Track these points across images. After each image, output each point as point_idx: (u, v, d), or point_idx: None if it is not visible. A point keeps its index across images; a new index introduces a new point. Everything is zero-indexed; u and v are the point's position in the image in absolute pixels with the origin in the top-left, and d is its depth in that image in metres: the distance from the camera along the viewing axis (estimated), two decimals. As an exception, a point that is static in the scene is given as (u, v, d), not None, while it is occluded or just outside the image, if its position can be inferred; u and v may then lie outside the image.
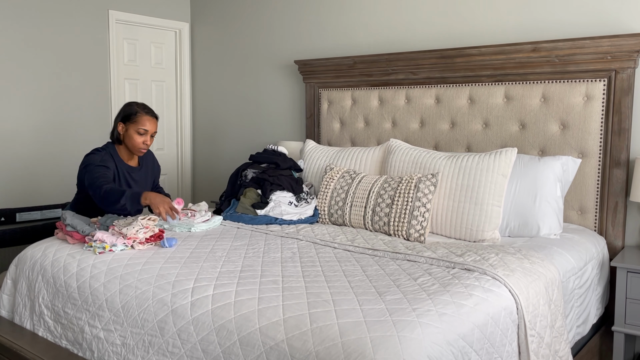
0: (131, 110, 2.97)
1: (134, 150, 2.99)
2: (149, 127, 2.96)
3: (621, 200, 2.96)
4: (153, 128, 2.98)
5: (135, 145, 2.96)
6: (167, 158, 5.24)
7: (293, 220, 3.14)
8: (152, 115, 3.00)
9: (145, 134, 2.96)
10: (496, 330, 1.90)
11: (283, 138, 4.58)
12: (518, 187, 2.90)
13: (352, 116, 3.93)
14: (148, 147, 3.01)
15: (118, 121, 2.99)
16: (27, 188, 4.24)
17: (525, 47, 3.14)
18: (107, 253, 2.49)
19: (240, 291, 1.99)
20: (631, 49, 2.84)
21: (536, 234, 2.84)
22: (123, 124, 2.97)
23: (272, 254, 2.49)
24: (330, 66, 4.01)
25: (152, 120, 2.98)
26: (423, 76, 3.59)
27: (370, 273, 2.19)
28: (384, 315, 1.73)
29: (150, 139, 3.00)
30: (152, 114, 3.00)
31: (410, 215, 2.81)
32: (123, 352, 2.10)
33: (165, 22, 5.03)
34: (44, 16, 4.26)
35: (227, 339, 1.81)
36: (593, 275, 2.77)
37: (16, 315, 2.62)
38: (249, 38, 4.76)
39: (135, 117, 2.95)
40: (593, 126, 2.98)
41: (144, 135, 2.96)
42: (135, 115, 2.95)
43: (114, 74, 4.71)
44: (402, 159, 3.17)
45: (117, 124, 2.99)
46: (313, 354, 1.61)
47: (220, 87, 5.04)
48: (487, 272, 2.14)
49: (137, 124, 2.94)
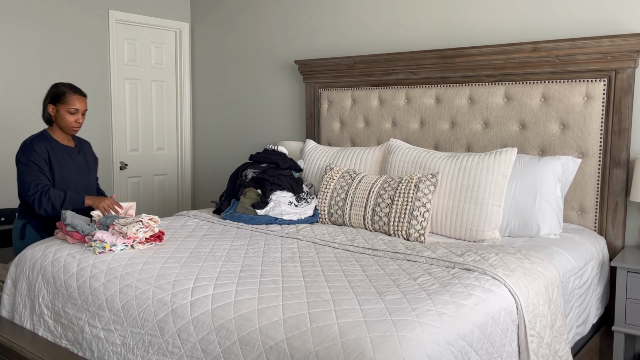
0: (59, 91, 3.02)
1: (67, 130, 3.06)
2: (79, 105, 3.03)
3: (621, 200, 2.96)
4: (83, 106, 3.05)
5: (68, 124, 3.03)
6: (167, 158, 5.24)
7: (293, 220, 3.14)
8: (81, 94, 3.06)
9: (77, 112, 3.03)
10: (496, 330, 1.90)
11: (283, 138, 4.58)
12: (518, 187, 2.90)
13: (352, 116, 3.93)
14: (80, 125, 3.07)
15: (47, 103, 3.05)
16: (27, 188, 4.24)
17: (525, 47, 3.14)
18: (107, 253, 2.49)
19: (240, 291, 1.99)
20: (631, 49, 2.84)
21: (536, 234, 2.84)
22: (53, 105, 3.03)
23: (272, 254, 2.49)
24: (330, 66, 4.01)
25: (81, 99, 3.05)
26: (423, 76, 3.59)
27: (370, 273, 2.19)
28: (384, 315, 1.73)
29: (82, 117, 3.06)
30: (80, 93, 3.06)
31: (410, 215, 2.81)
32: (123, 352, 2.10)
33: (165, 22, 5.03)
34: (44, 16, 4.27)
35: (227, 338, 1.81)
36: (593, 275, 2.77)
37: (16, 315, 2.62)
38: (249, 38, 4.76)
39: (64, 97, 3.01)
40: (593, 126, 2.98)
41: (75, 114, 3.03)
42: (64, 95, 3.01)
43: (114, 74, 4.71)
44: (402, 159, 3.18)
45: (47, 106, 3.05)
46: (313, 353, 1.61)
47: (220, 87, 5.04)
48: (487, 272, 2.14)
49: (67, 104, 3.01)
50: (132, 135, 4.95)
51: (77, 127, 3.05)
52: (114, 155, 4.77)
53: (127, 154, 4.92)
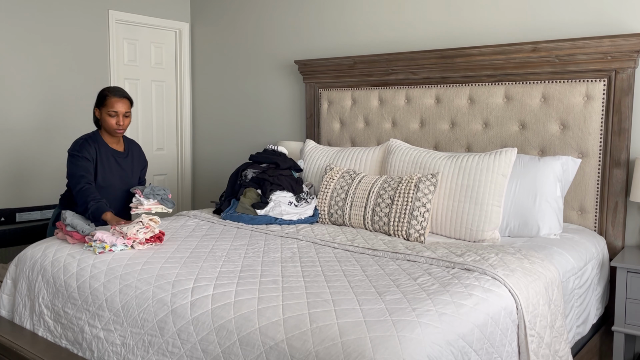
0: (102, 95, 3.12)
1: (111, 132, 3.12)
2: (119, 108, 3.08)
3: (621, 200, 2.96)
4: (123, 108, 3.10)
5: (109, 127, 3.10)
6: (167, 158, 5.24)
7: (293, 220, 3.14)
8: (121, 96, 3.11)
9: (116, 115, 3.08)
10: (496, 330, 1.90)
11: (283, 138, 4.58)
12: (518, 187, 2.90)
13: (352, 116, 3.93)
14: (122, 127, 3.12)
15: (95, 107, 3.15)
16: (27, 188, 4.24)
17: (525, 47, 3.14)
18: (107, 253, 2.49)
19: (240, 291, 1.99)
20: (631, 49, 2.84)
21: (536, 234, 2.84)
22: (98, 109, 3.12)
23: (272, 254, 2.49)
24: (330, 66, 4.01)
25: (121, 101, 3.09)
26: (423, 76, 3.59)
27: (370, 273, 2.19)
28: (384, 315, 1.73)
29: (124, 119, 3.11)
30: (121, 95, 3.11)
31: (410, 215, 2.81)
32: (123, 352, 2.10)
33: (165, 22, 5.03)
34: (44, 16, 4.26)
35: (227, 338, 1.81)
36: (593, 275, 2.77)
37: (16, 315, 2.62)
38: (248, 38, 4.76)
39: (106, 100, 3.09)
40: (593, 126, 2.98)
41: (115, 116, 3.08)
42: (105, 98, 3.09)
43: (114, 74, 4.71)
44: (402, 159, 3.17)
45: (95, 110, 3.15)
46: (313, 353, 1.61)
47: (220, 87, 5.04)
48: (487, 272, 2.14)
49: (108, 106, 3.08)
50: (132, 135, 4.94)
51: (119, 129, 3.11)
52: (114, 155, 4.77)
53: (127, 154, 4.92)
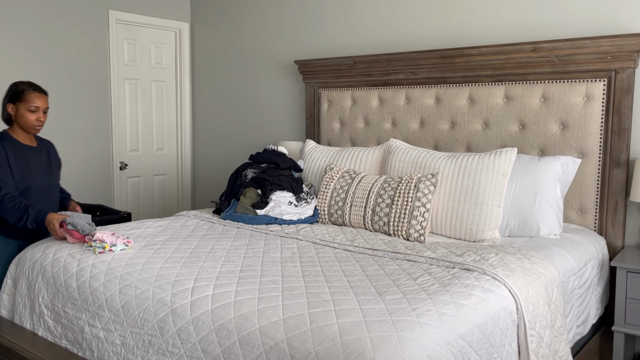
0: (18, 89, 2.94)
1: (28, 129, 2.96)
2: (39, 103, 2.94)
3: (621, 200, 2.96)
4: (44, 104, 2.97)
5: (28, 123, 2.93)
6: (167, 158, 5.24)
7: (293, 220, 3.14)
8: (41, 91, 2.98)
9: (37, 110, 2.94)
10: (496, 330, 1.90)
11: (283, 138, 4.58)
12: (518, 187, 2.90)
13: (352, 116, 3.93)
14: (42, 124, 2.98)
15: (6, 102, 2.97)
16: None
17: (525, 47, 3.14)
18: (107, 253, 2.49)
19: (240, 291, 1.99)
20: (631, 49, 2.84)
21: (536, 234, 2.84)
22: (12, 104, 2.95)
23: (272, 254, 2.49)
24: (330, 66, 4.01)
25: (41, 97, 2.96)
26: (423, 76, 3.59)
27: (370, 273, 2.19)
28: (384, 315, 1.73)
29: (44, 115, 2.98)
30: (41, 90, 2.98)
31: (410, 215, 2.81)
32: (123, 352, 2.10)
33: (165, 22, 5.03)
34: (43, 16, 4.26)
35: (227, 338, 1.81)
36: (593, 275, 2.77)
37: (16, 315, 2.62)
38: (249, 38, 4.76)
39: (24, 95, 2.92)
40: (593, 126, 2.98)
41: (35, 112, 2.94)
42: (23, 93, 2.93)
43: (114, 74, 4.71)
44: (402, 159, 3.18)
45: (6, 105, 2.96)
46: (313, 353, 1.61)
47: (220, 87, 5.04)
48: (487, 272, 2.14)
49: (27, 102, 2.92)
50: (132, 136, 4.95)
51: (38, 125, 2.96)
52: (114, 155, 4.77)
53: (127, 154, 4.92)
